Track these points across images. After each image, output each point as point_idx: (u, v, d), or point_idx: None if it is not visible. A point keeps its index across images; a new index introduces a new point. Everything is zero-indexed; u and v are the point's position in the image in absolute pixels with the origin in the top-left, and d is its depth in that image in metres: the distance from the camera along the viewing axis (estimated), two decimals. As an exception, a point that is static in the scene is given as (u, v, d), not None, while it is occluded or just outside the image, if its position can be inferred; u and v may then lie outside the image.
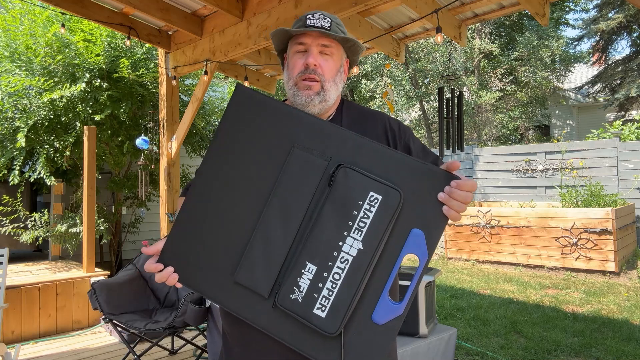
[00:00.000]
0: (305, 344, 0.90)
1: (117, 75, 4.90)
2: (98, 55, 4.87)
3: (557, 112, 15.19)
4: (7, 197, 5.00)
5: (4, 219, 5.12)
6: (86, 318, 4.38)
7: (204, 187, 0.98)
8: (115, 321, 3.11)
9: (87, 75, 4.73)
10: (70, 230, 5.06)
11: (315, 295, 0.88)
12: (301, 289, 0.89)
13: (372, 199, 0.89)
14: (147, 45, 4.93)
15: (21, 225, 5.14)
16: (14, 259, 5.52)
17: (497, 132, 13.22)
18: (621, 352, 3.62)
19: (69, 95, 4.65)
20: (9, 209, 5.00)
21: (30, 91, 4.82)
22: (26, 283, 4.08)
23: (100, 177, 5.49)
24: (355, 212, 0.89)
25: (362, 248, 0.88)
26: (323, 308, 0.88)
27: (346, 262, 0.88)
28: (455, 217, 0.91)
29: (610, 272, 6.07)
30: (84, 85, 4.59)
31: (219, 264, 0.95)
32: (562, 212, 6.47)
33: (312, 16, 1.16)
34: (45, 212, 5.30)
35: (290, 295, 0.89)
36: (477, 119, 13.04)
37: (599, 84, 13.78)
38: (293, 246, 0.92)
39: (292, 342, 0.90)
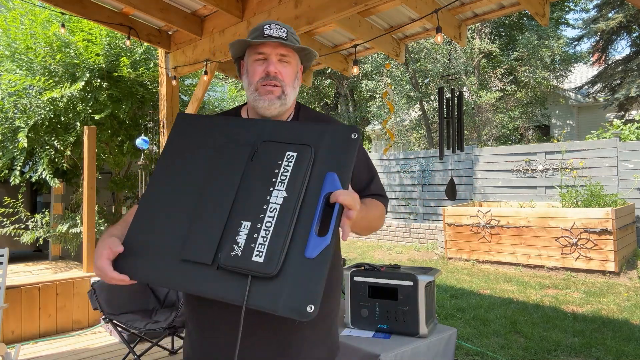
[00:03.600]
0: (254, 297, 0.96)
1: (116, 74, 4.90)
2: (98, 55, 4.87)
3: (557, 112, 15.19)
4: (9, 198, 5.00)
5: (5, 220, 5.11)
6: (86, 318, 4.38)
7: (152, 192, 1.13)
8: (115, 321, 3.11)
9: (87, 74, 4.73)
10: (71, 230, 5.06)
11: (252, 245, 0.99)
12: (239, 245, 0.99)
13: (289, 156, 1.08)
14: (145, 43, 4.93)
15: (22, 226, 5.14)
16: (14, 259, 5.51)
17: (497, 132, 13.21)
18: (621, 352, 3.62)
19: (69, 94, 4.66)
20: (11, 210, 4.99)
21: (30, 91, 4.82)
22: (26, 283, 4.08)
23: (100, 177, 5.49)
24: (277, 170, 1.06)
25: (286, 195, 1.02)
26: (260, 254, 0.97)
27: (275, 210, 1.01)
28: None
29: (610, 272, 6.07)
30: (82, 84, 4.59)
31: (167, 250, 1.04)
32: (562, 212, 6.47)
33: (269, 26, 1.28)
34: (47, 213, 5.29)
35: (231, 253, 0.98)
36: (477, 119, 13.04)
37: (599, 84, 13.77)
38: (231, 215, 1.03)
39: (241, 299, 0.95)
